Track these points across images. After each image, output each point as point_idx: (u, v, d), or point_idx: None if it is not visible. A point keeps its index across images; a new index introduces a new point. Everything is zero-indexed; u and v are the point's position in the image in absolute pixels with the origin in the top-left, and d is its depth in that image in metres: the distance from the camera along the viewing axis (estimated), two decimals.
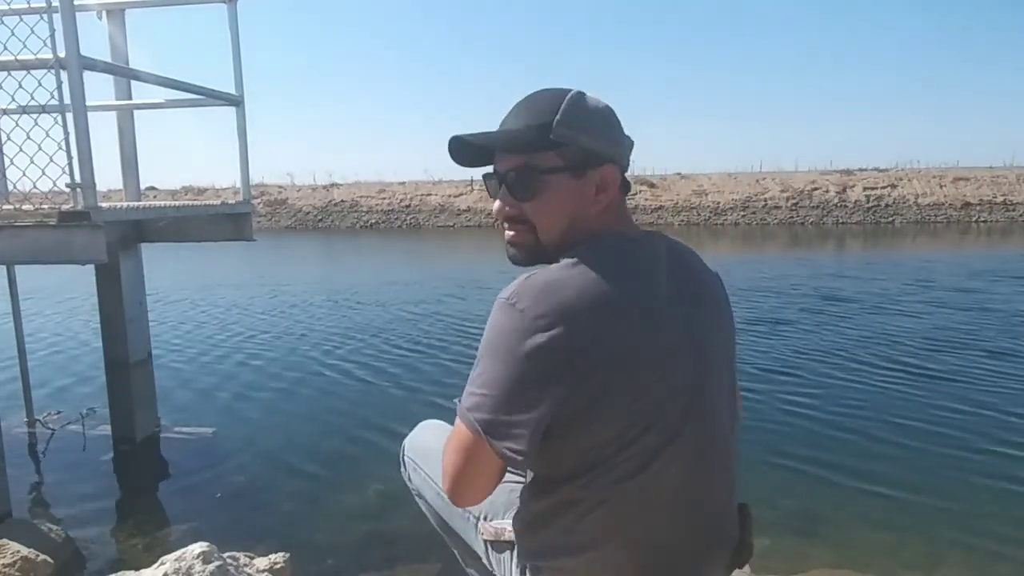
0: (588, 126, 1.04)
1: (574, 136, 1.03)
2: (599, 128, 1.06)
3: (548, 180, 1.05)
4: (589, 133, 1.04)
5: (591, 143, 1.05)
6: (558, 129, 1.02)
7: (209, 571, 2.07)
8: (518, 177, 1.06)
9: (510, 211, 1.08)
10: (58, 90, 2.55)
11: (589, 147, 1.05)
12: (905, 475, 3.49)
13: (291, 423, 4.49)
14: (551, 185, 1.05)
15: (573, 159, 1.05)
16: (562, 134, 1.03)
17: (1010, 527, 2.99)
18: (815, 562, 2.70)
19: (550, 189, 1.05)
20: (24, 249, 2.70)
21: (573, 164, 1.05)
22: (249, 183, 4.05)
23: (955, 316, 7.48)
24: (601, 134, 1.06)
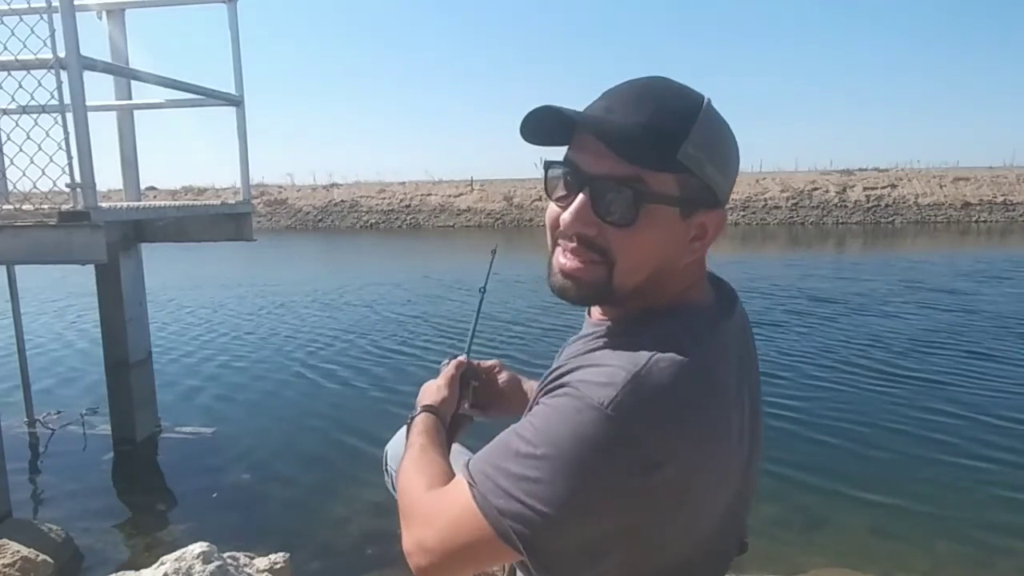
0: (717, 153, 0.81)
1: (701, 163, 0.79)
2: (727, 158, 0.83)
3: (654, 210, 0.79)
4: (716, 163, 0.81)
5: (715, 177, 0.81)
6: (688, 148, 0.77)
7: (209, 571, 2.07)
8: (619, 192, 0.78)
9: (587, 231, 0.81)
10: (58, 90, 2.55)
11: (711, 180, 0.81)
12: (904, 475, 3.50)
13: (291, 423, 4.49)
14: (656, 217, 0.79)
15: (690, 192, 0.80)
16: (691, 156, 0.78)
17: (1008, 526, 2.99)
18: (815, 562, 2.71)
19: (653, 221, 0.79)
20: (24, 249, 2.70)
21: (687, 198, 0.80)
22: (249, 183, 4.05)
23: (949, 317, 7.48)
24: (728, 167, 0.83)
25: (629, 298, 0.84)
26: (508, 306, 8.09)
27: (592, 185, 0.80)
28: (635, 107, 0.79)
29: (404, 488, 0.95)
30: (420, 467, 0.97)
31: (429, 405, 1.15)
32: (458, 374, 1.22)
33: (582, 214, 0.81)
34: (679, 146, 0.77)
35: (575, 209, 0.81)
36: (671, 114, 0.79)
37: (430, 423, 1.10)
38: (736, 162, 0.86)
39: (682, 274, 0.86)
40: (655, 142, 0.77)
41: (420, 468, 0.96)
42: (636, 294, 0.84)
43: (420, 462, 0.98)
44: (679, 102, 0.81)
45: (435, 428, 1.10)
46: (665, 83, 0.84)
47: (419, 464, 0.98)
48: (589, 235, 0.81)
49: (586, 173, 0.80)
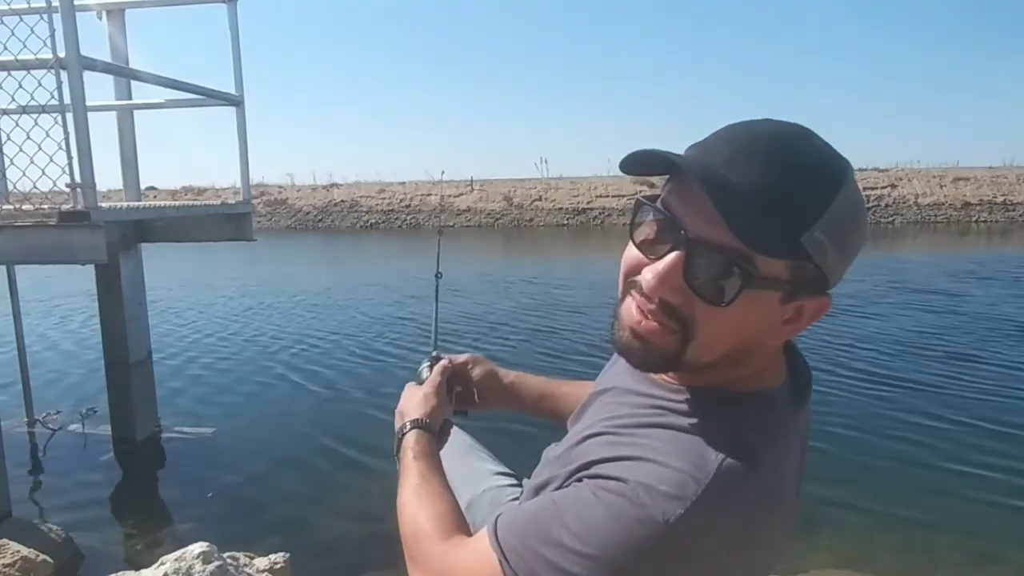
0: (847, 240, 0.69)
1: (826, 251, 0.67)
2: (855, 245, 0.71)
3: (756, 294, 0.68)
4: (843, 251, 0.69)
5: (836, 265, 0.70)
6: (816, 233, 0.66)
7: (209, 571, 2.07)
8: (721, 267, 0.67)
9: (672, 298, 0.70)
10: (58, 90, 2.55)
11: (829, 270, 0.69)
12: (904, 476, 3.50)
13: (291, 423, 4.49)
14: (755, 300, 0.68)
15: (802, 277, 0.69)
16: (817, 242, 0.66)
17: (1008, 527, 2.99)
18: (815, 562, 2.71)
19: (750, 303, 0.68)
20: (24, 249, 2.70)
21: (797, 283, 0.69)
22: (249, 183, 4.06)
23: (953, 318, 7.49)
24: (853, 254, 0.72)
25: (699, 370, 0.75)
26: (512, 305, 8.11)
27: (691, 248, 0.68)
28: (764, 168, 0.66)
29: (411, 529, 0.88)
30: (425, 502, 0.90)
31: (419, 420, 1.07)
32: (444, 380, 1.16)
33: (671, 279, 0.69)
34: (807, 230, 0.65)
35: (664, 272, 0.69)
36: (807, 189, 0.66)
37: (425, 443, 1.04)
38: (862, 243, 0.72)
39: (762, 356, 0.76)
40: (781, 222, 0.65)
41: (425, 503, 0.90)
42: (708, 368, 0.74)
43: (424, 496, 0.92)
44: (820, 173, 0.68)
45: (431, 449, 1.04)
46: (807, 141, 0.70)
47: (423, 499, 0.91)
48: (673, 303, 0.70)
49: (688, 232, 0.68)
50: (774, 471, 0.71)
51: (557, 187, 24.43)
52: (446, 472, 1.09)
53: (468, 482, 1.31)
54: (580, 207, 23.04)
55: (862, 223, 0.71)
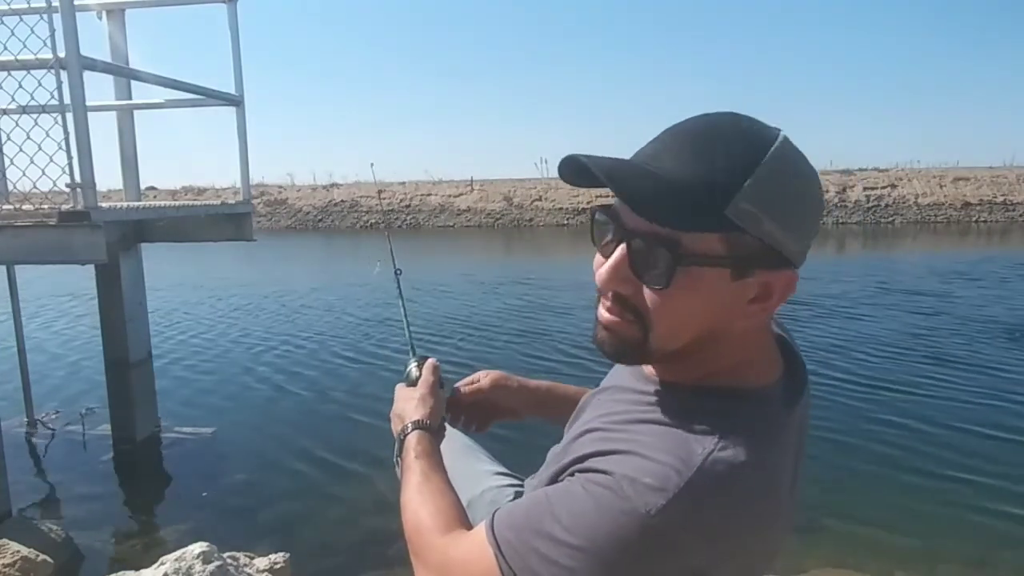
0: (783, 206, 0.69)
1: (758, 219, 0.68)
2: (797, 212, 0.71)
3: (695, 271, 0.69)
4: (781, 218, 0.69)
5: (777, 234, 0.69)
6: (741, 203, 0.67)
7: (209, 571, 2.07)
8: (652, 253, 0.70)
9: (623, 290, 0.74)
10: (58, 90, 2.55)
11: (772, 239, 0.69)
12: (904, 476, 3.50)
13: (291, 423, 4.49)
14: (697, 278, 0.69)
15: (742, 251, 0.69)
16: (744, 212, 0.67)
17: (1008, 527, 2.99)
18: (815, 562, 2.71)
19: (693, 283, 0.70)
20: (24, 249, 2.70)
21: (739, 257, 0.69)
22: (249, 183, 4.06)
23: (966, 308, 7.49)
24: (797, 222, 0.71)
25: (677, 360, 0.76)
26: (511, 305, 8.11)
27: (630, 240, 0.72)
28: (684, 156, 0.69)
29: (413, 524, 0.90)
30: (427, 499, 0.92)
31: (420, 421, 1.09)
32: (437, 379, 1.17)
33: (618, 271, 0.73)
34: (729, 202, 0.67)
35: (611, 265, 0.73)
36: (725, 165, 0.68)
37: (426, 443, 1.05)
38: (813, 214, 0.73)
39: (741, 340, 0.76)
40: (698, 199, 0.67)
41: (427, 500, 0.92)
42: (685, 358, 0.75)
43: (426, 493, 0.94)
44: (740, 148, 0.69)
45: (432, 448, 1.05)
46: (732, 123, 0.72)
47: (425, 496, 0.93)
48: (624, 294, 0.74)
49: (625, 226, 0.72)
50: (760, 467, 0.71)
51: (557, 187, 24.42)
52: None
53: (467, 483, 1.30)
54: (580, 207, 23.04)
55: (797, 187, 0.71)
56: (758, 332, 0.79)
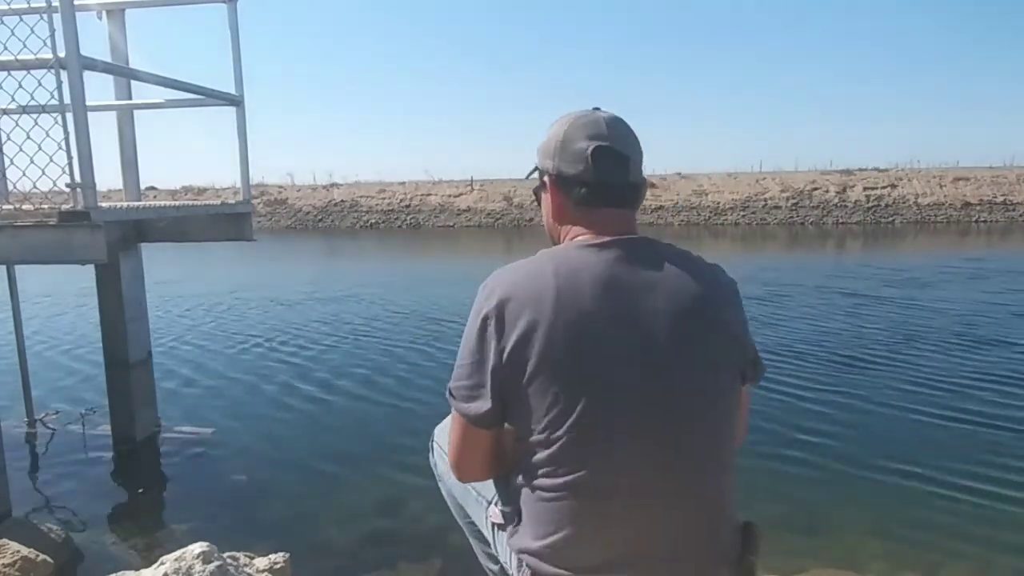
0: (543, 150, 1.26)
1: (541, 160, 1.26)
2: (547, 150, 1.24)
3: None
4: (544, 154, 1.25)
5: (545, 164, 1.25)
6: (537, 158, 1.29)
7: (209, 571, 2.07)
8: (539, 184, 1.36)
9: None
10: (58, 90, 2.55)
11: (542, 167, 1.26)
12: (904, 476, 3.49)
13: (291, 423, 4.49)
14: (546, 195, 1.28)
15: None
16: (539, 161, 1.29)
17: (1008, 527, 2.99)
18: (815, 562, 2.71)
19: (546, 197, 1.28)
20: (24, 249, 2.70)
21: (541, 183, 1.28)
22: (249, 183, 4.05)
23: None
24: (549, 155, 1.23)
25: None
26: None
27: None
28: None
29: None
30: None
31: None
32: None
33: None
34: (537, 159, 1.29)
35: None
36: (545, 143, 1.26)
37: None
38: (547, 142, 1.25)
39: (565, 225, 1.24)
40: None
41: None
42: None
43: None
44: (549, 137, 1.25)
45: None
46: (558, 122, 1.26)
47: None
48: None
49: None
50: (547, 256, 1.13)
51: None
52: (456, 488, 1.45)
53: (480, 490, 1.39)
54: None
55: (551, 141, 1.23)
56: (578, 222, 1.22)
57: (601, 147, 1.16)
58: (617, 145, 1.18)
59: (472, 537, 1.50)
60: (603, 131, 1.18)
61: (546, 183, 1.23)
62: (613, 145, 1.17)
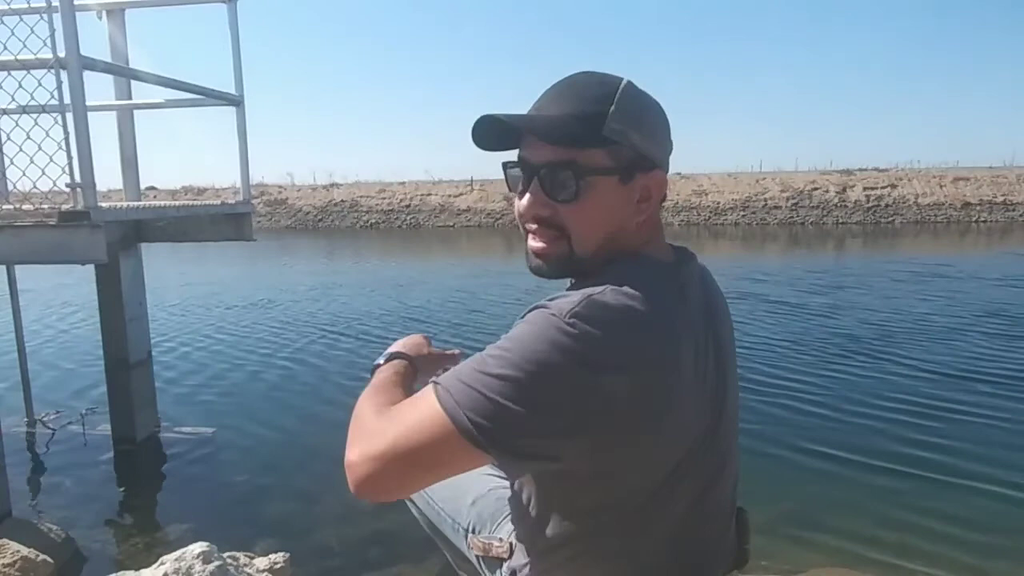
0: (642, 122, 0.93)
1: (627, 133, 0.90)
2: (653, 126, 0.95)
3: (593, 182, 0.90)
4: (643, 131, 0.92)
5: (644, 144, 0.92)
6: (612, 123, 0.89)
7: (209, 571, 2.07)
8: (558, 174, 0.91)
9: (543, 213, 0.94)
10: (58, 90, 2.55)
11: (641, 148, 0.92)
12: (904, 476, 3.49)
13: (292, 423, 4.49)
14: (596, 188, 0.91)
15: (623, 160, 0.91)
16: (615, 130, 0.89)
17: (1008, 527, 2.99)
18: (815, 562, 2.71)
19: (595, 192, 0.91)
20: (24, 249, 2.70)
21: (623, 166, 0.91)
22: (249, 183, 4.05)
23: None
24: (655, 133, 0.95)
25: (594, 263, 0.94)
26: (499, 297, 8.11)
27: (539, 173, 0.93)
28: (560, 100, 0.92)
29: (356, 414, 0.98)
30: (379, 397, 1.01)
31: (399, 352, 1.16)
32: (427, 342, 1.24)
33: (536, 199, 0.94)
34: (603, 124, 0.89)
35: (529, 197, 0.95)
36: (591, 99, 0.91)
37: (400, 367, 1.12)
38: (664, 128, 0.97)
39: (636, 234, 0.96)
40: (581, 125, 0.89)
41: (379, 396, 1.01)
42: (598, 257, 0.94)
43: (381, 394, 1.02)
44: (596, 87, 0.92)
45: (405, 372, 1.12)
46: (585, 76, 0.95)
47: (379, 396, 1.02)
48: (545, 216, 0.94)
49: (532, 164, 0.94)
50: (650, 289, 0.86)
51: None
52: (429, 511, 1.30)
53: (473, 482, 1.32)
54: None
55: (650, 108, 0.95)
56: (650, 229, 0.98)
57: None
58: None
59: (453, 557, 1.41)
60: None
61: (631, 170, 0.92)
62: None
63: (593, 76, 0.95)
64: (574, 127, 0.89)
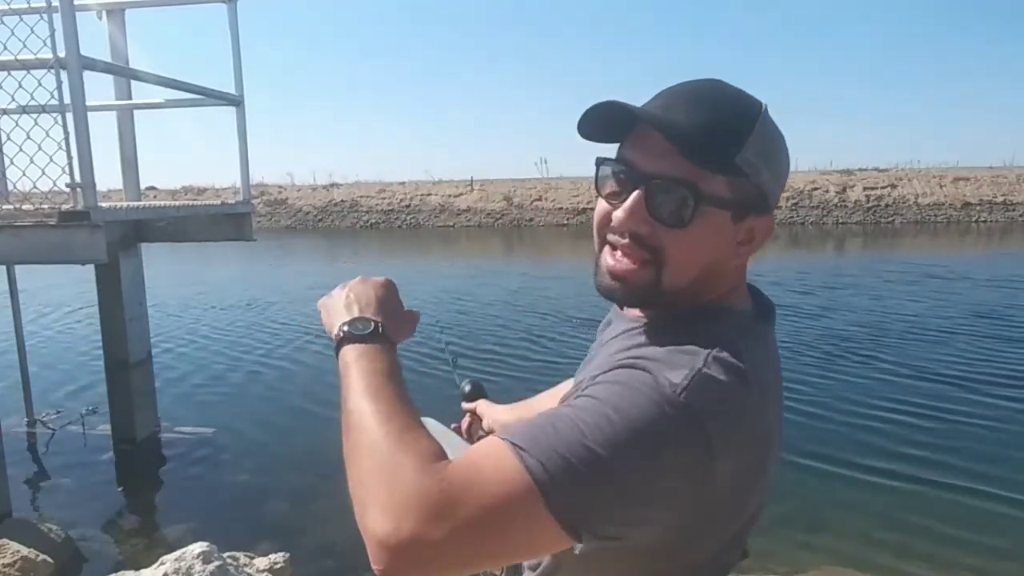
0: (774, 159, 0.82)
1: (758, 168, 0.79)
2: (782, 165, 0.84)
3: (707, 212, 0.78)
4: (772, 169, 0.81)
5: (769, 183, 0.81)
6: (747, 152, 0.78)
7: (209, 571, 2.07)
8: (674, 192, 0.78)
9: (640, 229, 0.79)
10: (58, 90, 2.55)
11: (765, 187, 0.81)
12: (904, 476, 3.49)
13: (291, 423, 4.49)
14: (709, 219, 0.78)
15: (742, 196, 0.80)
16: (749, 161, 0.78)
17: (1008, 526, 2.99)
18: (815, 562, 2.71)
19: (706, 223, 0.78)
20: (24, 249, 2.70)
21: (740, 202, 0.80)
22: (249, 183, 4.06)
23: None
24: (781, 174, 0.84)
25: (675, 300, 0.83)
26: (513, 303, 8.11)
27: (648, 184, 0.79)
28: (695, 107, 0.78)
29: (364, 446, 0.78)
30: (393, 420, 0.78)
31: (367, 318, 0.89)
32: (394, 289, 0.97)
33: (636, 212, 0.79)
34: (739, 150, 0.77)
35: (629, 207, 0.79)
36: (732, 117, 0.79)
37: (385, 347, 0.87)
38: (787, 171, 0.86)
39: (726, 277, 0.85)
40: (716, 144, 0.76)
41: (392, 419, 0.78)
42: (682, 295, 0.82)
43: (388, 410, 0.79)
44: (739, 106, 0.81)
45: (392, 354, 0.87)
46: (723, 86, 0.83)
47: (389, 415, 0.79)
48: (642, 233, 0.80)
49: (643, 171, 0.79)
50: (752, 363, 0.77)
51: (557, 187, 24.43)
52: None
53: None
54: (580, 207, 23.04)
55: (783, 148, 0.84)
56: (741, 272, 0.88)
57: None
58: None
59: None
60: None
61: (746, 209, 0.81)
62: None
63: (729, 89, 0.83)
64: (707, 143, 0.76)
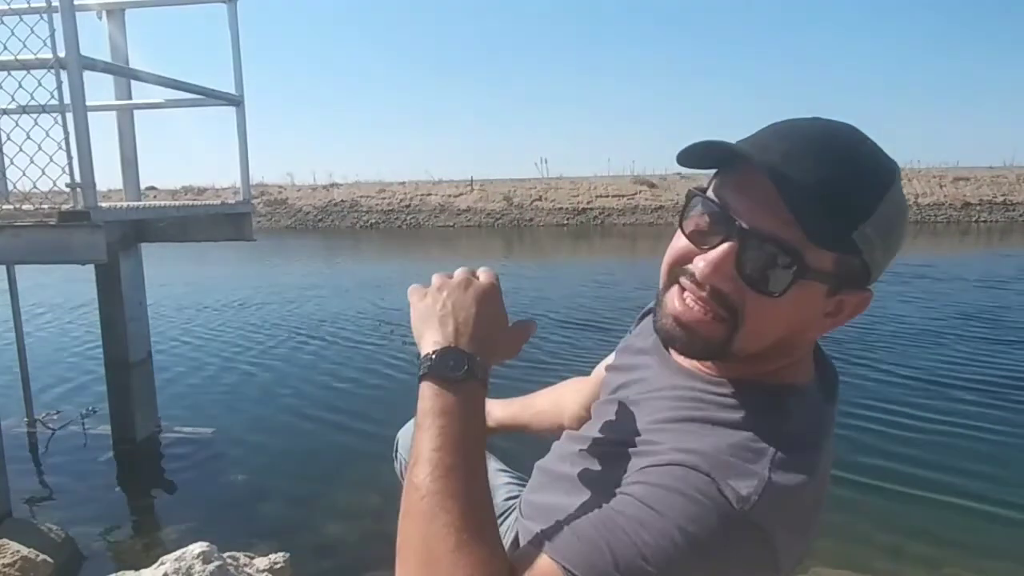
0: (893, 235, 0.72)
1: (874, 245, 0.69)
2: (898, 243, 0.73)
3: (805, 285, 0.69)
4: (888, 246, 0.72)
5: (882, 260, 0.72)
6: (868, 228, 0.68)
7: (209, 571, 2.07)
8: (775, 259, 0.68)
9: (722, 286, 0.71)
10: (58, 90, 2.55)
11: (874, 265, 0.71)
12: (904, 476, 3.49)
13: (291, 423, 4.48)
14: (803, 290, 0.69)
15: (847, 270, 0.70)
16: (867, 236, 0.68)
17: (1008, 526, 2.99)
18: (815, 562, 2.70)
19: (800, 295, 0.69)
20: (24, 249, 2.70)
21: (842, 276, 0.70)
22: (249, 183, 4.06)
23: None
24: (895, 251, 0.74)
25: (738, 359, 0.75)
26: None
27: (746, 239, 0.69)
28: (822, 162, 0.68)
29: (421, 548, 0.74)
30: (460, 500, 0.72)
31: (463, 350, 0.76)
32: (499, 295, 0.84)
33: (723, 268, 0.70)
34: (860, 225, 0.67)
35: (716, 260, 0.70)
36: (863, 186, 0.68)
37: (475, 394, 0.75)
38: (902, 246, 0.75)
39: (800, 348, 0.77)
40: (836, 214, 0.66)
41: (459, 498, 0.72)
42: (749, 359, 0.75)
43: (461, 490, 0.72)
44: (873, 172, 0.70)
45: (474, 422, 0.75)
46: (858, 139, 0.73)
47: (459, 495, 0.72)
48: (727, 293, 0.71)
49: (742, 223, 0.69)
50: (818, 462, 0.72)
51: (557, 187, 24.43)
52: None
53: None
54: (580, 207, 23.04)
55: (905, 223, 0.73)
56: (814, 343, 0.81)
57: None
58: None
59: None
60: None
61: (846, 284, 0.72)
62: None
63: (865, 147, 0.72)
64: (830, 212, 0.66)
